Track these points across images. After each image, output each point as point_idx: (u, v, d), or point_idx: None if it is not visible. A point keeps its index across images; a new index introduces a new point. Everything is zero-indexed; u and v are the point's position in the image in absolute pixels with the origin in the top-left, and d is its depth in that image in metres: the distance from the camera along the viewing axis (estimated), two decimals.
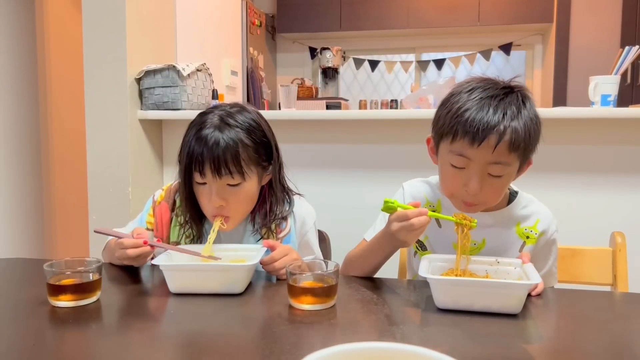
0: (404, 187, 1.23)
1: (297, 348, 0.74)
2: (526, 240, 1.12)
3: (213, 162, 1.07)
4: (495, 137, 0.95)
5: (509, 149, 0.97)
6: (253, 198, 1.18)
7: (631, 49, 1.79)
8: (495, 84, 1.02)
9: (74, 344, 0.79)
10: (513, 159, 0.99)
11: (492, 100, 0.98)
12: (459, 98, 1.01)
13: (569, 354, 0.75)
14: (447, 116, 1.01)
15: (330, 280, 0.92)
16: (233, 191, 1.12)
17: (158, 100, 2.05)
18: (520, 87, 1.03)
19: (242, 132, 1.11)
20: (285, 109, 2.13)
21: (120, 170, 2.03)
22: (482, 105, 0.97)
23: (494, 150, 0.96)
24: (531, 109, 1.00)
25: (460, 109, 0.98)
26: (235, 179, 1.10)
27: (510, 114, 0.97)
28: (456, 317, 0.87)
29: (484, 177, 1.00)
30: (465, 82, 1.05)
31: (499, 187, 1.03)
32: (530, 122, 0.98)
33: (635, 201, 1.83)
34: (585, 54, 4.19)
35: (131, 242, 1.05)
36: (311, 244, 1.27)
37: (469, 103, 0.98)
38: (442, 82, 2.18)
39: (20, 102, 2.76)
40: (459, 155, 1.00)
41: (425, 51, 5.07)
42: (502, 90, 1.00)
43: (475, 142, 0.96)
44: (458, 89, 1.04)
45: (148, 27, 2.15)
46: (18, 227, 2.77)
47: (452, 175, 1.03)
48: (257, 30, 4.30)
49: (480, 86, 1.01)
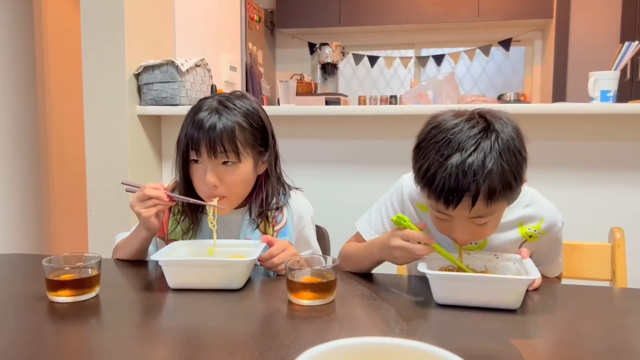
0: (404, 179, 1.19)
1: (296, 343, 0.74)
2: (528, 239, 1.11)
3: (209, 141, 1.09)
4: (469, 199, 0.90)
5: (487, 203, 0.91)
6: (248, 181, 1.19)
7: (631, 45, 1.79)
8: (468, 127, 0.92)
9: (72, 339, 0.79)
10: (495, 206, 0.93)
11: (461, 156, 0.89)
12: (426, 154, 0.94)
13: (567, 349, 0.75)
14: (419, 172, 0.95)
15: (329, 276, 0.92)
16: (228, 171, 1.13)
17: (157, 95, 2.04)
18: (493, 121, 0.93)
19: (240, 115, 1.13)
20: (284, 104, 2.12)
21: (119, 165, 2.03)
22: (450, 168, 0.89)
23: (472, 209, 0.91)
24: (506, 148, 0.91)
25: (429, 172, 0.92)
26: (230, 158, 1.12)
27: (482, 167, 0.88)
28: (455, 312, 0.87)
29: (470, 226, 0.96)
30: (435, 126, 0.96)
31: (489, 228, 0.99)
32: (507, 166, 0.90)
33: (634, 197, 1.83)
34: (585, 49, 4.19)
35: (152, 184, 1.10)
36: (309, 238, 1.27)
37: (436, 164, 0.91)
38: (441, 78, 2.17)
39: (19, 98, 2.75)
40: (438, 212, 0.97)
41: (425, 47, 5.06)
42: (473, 138, 0.90)
43: (450, 206, 0.91)
44: (428, 134, 0.96)
45: (146, 22, 2.14)
46: (17, 222, 2.77)
47: (437, 222, 1.00)
48: (256, 25, 4.29)
49: (447, 137, 0.92)
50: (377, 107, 2.14)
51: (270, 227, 1.22)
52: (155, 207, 1.09)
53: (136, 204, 1.10)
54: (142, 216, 1.10)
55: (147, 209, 1.09)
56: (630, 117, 1.81)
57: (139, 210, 1.09)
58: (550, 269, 1.17)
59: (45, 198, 2.96)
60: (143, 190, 1.09)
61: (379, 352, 0.48)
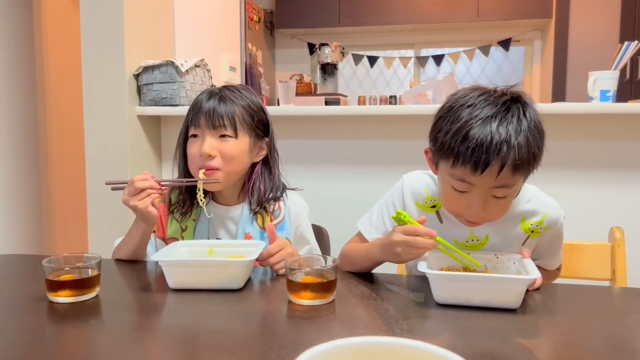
0: (404, 179, 1.19)
1: (296, 343, 0.74)
2: (530, 235, 1.10)
3: (209, 114, 1.17)
4: (498, 163, 0.91)
5: (513, 171, 0.92)
6: (242, 160, 1.21)
7: (630, 45, 1.79)
8: (495, 97, 0.95)
9: (72, 339, 0.79)
10: (517, 179, 0.95)
11: (492, 121, 0.91)
12: (457, 116, 0.95)
13: (567, 349, 0.75)
14: (445, 137, 0.95)
15: (329, 276, 0.92)
16: (223, 145, 1.18)
17: (156, 96, 2.04)
18: (520, 95, 0.97)
19: (241, 98, 1.21)
20: (284, 104, 2.12)
21: (118, 166, 2.03)
22: (483, 128, 0.91)
23: (498, 176, 0.92)
24: (532, 121, 0.94)
25: (460, 133, 0.92)
26: (227, 132, 1.18)
27: (513, 133, 0.91)
28: (455, 312, 0.87)
29: (487, 200, 0.97)
30: (463, 95, 0.98)
31: (504, 207, 1.00)
32: (533, 139, 0.93)
33: (634, 196, 1.83)
34: (584, 49, 4.19)
35: (139, 177, 1.11)
36: (306, 234, 1.28)
37: (468, 125, 0.92)
38: (441, 78, 2.17)
39: (18, 99, 2.75)
40: (460, 181, 0.96)
41: (424, 47, 5.06)
42: (502, 106, 0.93)
43: (477, 170, 0.91)
44: (456, 102, 0.97)
45: (146, 23, 2.14)
46: (17, 223, 2.77)
47: (453, 197, 0.99)
48: (255, 26, 4.29)
49: (478, 102, 0.94)
50: (376, 107, 2.14)
51: (269, 220, 1.23)
52: (149, 197, 1.11)
53: (130, 199, 1.10)
54: (138, 209, 1.11)
55: (142, 200, 1.10)
56: (629, 116, 1.81)
57: (134, 204, 1.10)
58: (551, 262, 1.18)
59: (45, 198, 2.96)
60: (133, 184, 1.10)
61: (379, 351, 0.48)
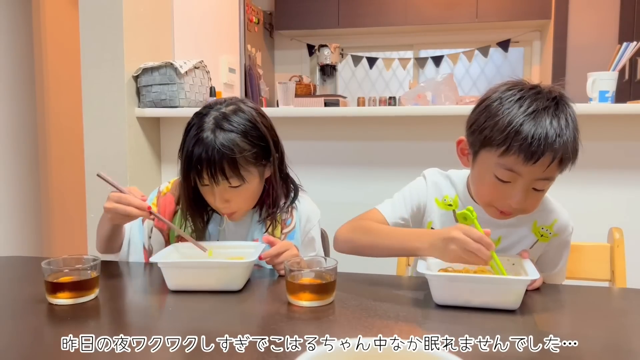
0: (426, 175, 1.18)
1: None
2: (540, 238, 1.11)
3: (210, 170, 1.07)
4: (550, 155, 0.92)
5: (559, 165, 0.95)
6: (256, 194, 1.19)
7: (629, 45, 1.79)
8: (544, 93, 0.97)
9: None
10: (558, 172, 0.97)
11: (545, 114, 0.93)
12: (508, 107, 0.95)
13: (567, 350, 0.75)
14: (496, 126, 0.95)
15: (329, 277, 0.92)
16: (235, 192, 1.12)
17: (156, 97, 2.04)
18: (564, 94, 0.98)
19: (238, 136, 1.09)
20: (283, 106, 2.12)
21: (118, 168, 2.03)
22: (538, 120, 0.92)
23: (547, 168, 0.94)
24: (575, 119, 0.97)
25: (515, 122, 0.93)
26: (234, 183, 1.10)
27: (564, 127, 0.93)
28: (455, 312, 0.87)
29: (528, 191, 0.98)
30: (508, 89, 0.99)
31: (539, 199, 1.02)
32: (576, 135, 0.96)
33: (633, 197, 1.83)
34: (583, 50, 4.19)
35: (137, 203, 1.06)
36: (315, 241, 1.27)
37: (522, 116, 0.93)
38: (440, 79, 2.17)
39: (17, 101, 2.75)
40: (507, 170, 0.96)
41: (424, 48, 5.06)
42: (552, 101, 0.95)
43: (531, 160, 0.92)
44: (502, 94, 0.98)
45: (145, 24, 2.14)
46: (16, 225, 2.77)
47: (494, 186, 0.99)
48: (254, 27, 4.29)
49: (529, 95, 0.96)
50: (376, 109, 2.14)
51: (279, 230, 1.22)
52: (129, 217, 1.09)
53: (115, 205, 1.07)
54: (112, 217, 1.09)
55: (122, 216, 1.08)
56: (628, 117, 1.81)
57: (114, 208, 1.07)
58: (552, 276, 1.17)
59: (45, 200, 2.96)
60: (127, 209, 1.06)
61: (379, 353, 0.48)
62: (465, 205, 1.07)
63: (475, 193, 1.08)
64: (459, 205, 1.13)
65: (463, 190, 1.13)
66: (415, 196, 1.17)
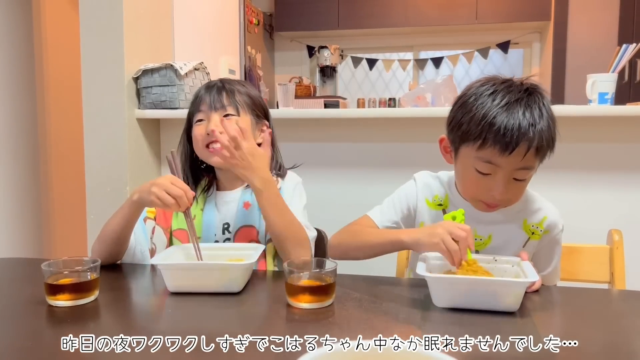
0: (416, 177, 1.22)
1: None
2: (531, 236, 1.13)
3: (211, 97, 1.26)
4: (525, 144, 0.95)
5: (536, 153, 0.97)
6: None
7: (628, 47, 1.79)
8: (516, 85, 1.00)
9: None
10: (537, 161, 1.00)
11: (518, 105, 0.96)
12: (482, 102, 0.99)
13: (567, 350, 0.75)
14: (472, 121, 0.99)
15: (328, 279, 0.92)
16: (228, 121, 1.22)
17: (156, 99, 2.04)
18: (537, 85, 1.02)
19: (240, 86, 1.30)
20: (283, 107, 2.13)
21: (118, 169, 2.03)
22: (510, 112, 0.95)
23: (524, 157, 0.96)
24: (550, 109, 1.00)
25: (489, 115, 0.96)
26: (230, 111, 1.25)
27: (537, 117, 0.96)
28: (454, 314, 0.87)
29: (509, 182, 1.00)
30: (482, 84, 1.02)
31: (522, 189, 1.05)
32: (551, 123, 0.99)
33: (632, 199, 1.83)
34: (583, 52, 4.19)
35: (190, 194, 1.10)
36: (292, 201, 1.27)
37: (496, 109, 0.96)
38: (440, 81, 2.17)
39: (17, 102, 2.75)
40: (486, 162, 0.99)
41: (423, 49, 5.07)
42: (524, 92, 0.98)
43: (506, 151, 0.95)
44: (477, 90, 1.02)
45: (145, 26, 2.15)
46: (16, 226, 2.77)
47: (476, 180, 1.02)
48: (254, 28, 4.30)
49: (502, 89, 0.99)
50: (375, 110, 2.15)
51: None
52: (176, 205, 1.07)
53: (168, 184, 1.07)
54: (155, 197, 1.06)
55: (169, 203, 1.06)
56: (628, 119, 1.81)
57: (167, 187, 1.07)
58: (548, 276, 1.18)
59: (45, 202, 2.96)
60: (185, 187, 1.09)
61: (378, 355, 0.48)
62: (455, 204, 1.13)
63: (461, 189, 1.12)
64: (449, 204, 1.16)
65: (452, 189, 1.16)
66: (404, 198, 1.20)
